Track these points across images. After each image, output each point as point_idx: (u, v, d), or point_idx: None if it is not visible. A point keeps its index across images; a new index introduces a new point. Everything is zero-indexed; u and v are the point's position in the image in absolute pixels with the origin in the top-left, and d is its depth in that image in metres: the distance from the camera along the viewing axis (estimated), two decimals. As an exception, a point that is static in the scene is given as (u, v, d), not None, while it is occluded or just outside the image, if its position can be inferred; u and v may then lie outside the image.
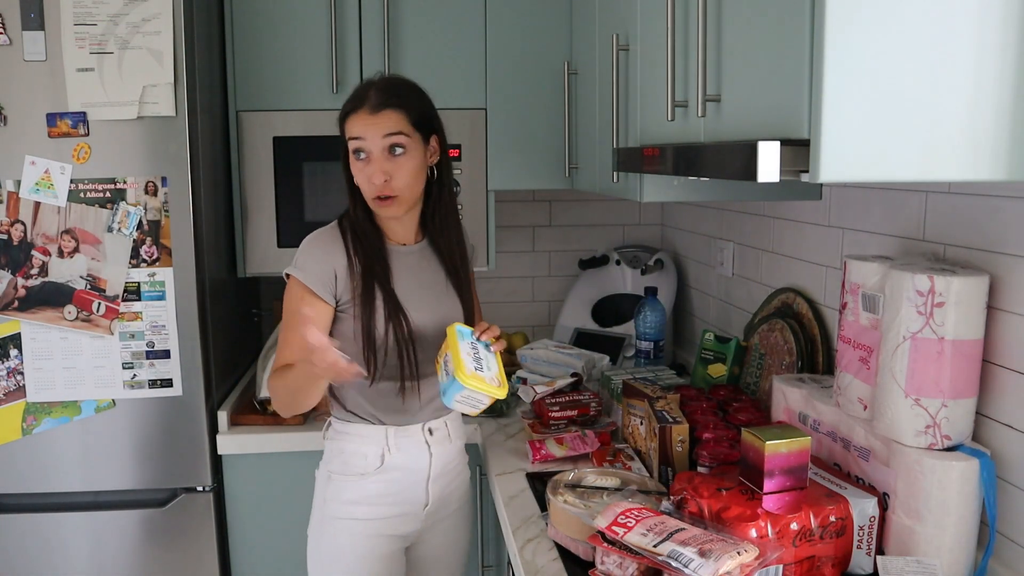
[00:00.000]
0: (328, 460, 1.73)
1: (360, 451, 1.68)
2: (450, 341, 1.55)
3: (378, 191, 1.60)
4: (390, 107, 1.60)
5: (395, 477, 1.69)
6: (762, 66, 1.04)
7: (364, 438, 1.68)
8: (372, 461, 1.67)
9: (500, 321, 2.83)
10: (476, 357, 1.54)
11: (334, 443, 1.72)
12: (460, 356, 1.51)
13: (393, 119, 1.60)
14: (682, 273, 2.68)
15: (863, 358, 1.38)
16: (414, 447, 1.70)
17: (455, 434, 1.78)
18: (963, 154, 0.93)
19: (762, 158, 0.91)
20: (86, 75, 1.91)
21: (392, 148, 1.59)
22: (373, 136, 1.59)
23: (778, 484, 1.29)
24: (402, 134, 1.60)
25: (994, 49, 0.92)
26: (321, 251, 1.63)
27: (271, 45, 2.25)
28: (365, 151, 1.60)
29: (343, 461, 1.69)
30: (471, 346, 1.56)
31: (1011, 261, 1.26)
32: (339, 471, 1.69)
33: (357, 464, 1.68)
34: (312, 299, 1.61)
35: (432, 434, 1.71)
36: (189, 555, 2.08)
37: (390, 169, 1.59)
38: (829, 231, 1.76)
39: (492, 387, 1.50)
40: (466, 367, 1.48)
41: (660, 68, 1.44)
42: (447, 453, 1.75)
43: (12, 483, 2.01)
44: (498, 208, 2.70)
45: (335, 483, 1.69)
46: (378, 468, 1.67)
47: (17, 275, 1.95)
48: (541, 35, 2.34)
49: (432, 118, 1.66)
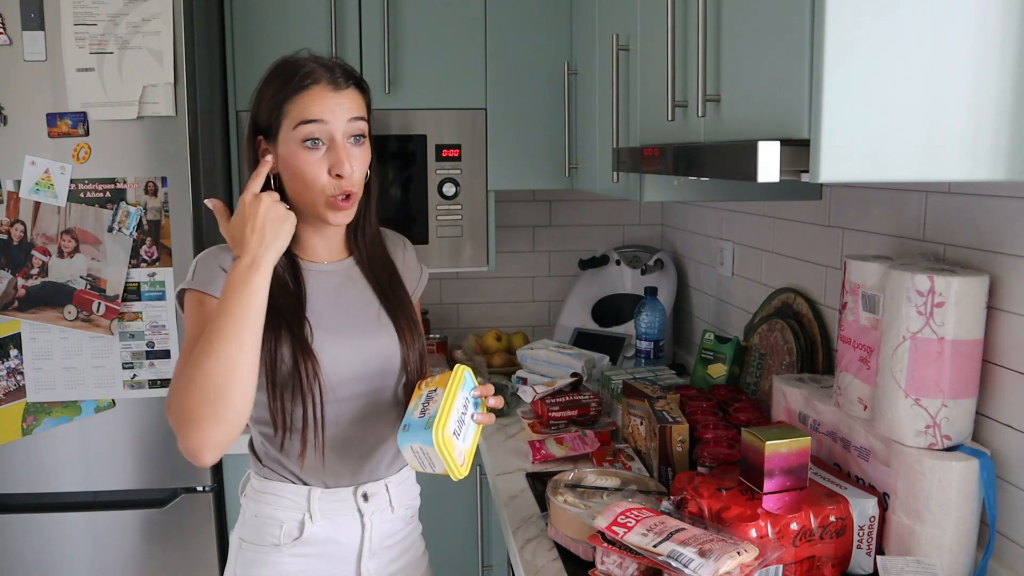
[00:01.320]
0: (240, 524, 1.42)
1: (275, 516, 1.36)
2: (452, 383, 1.31)
3: (346, 187, 1.30)
4: (354, 86, 1.33)
5: (317, 552, 1.37)
6: (762, 66, 1.04)
7: (281, 500, 1.36)
8: (289, 530, 1.36)
9: (500, 321, 2.83)
10: (461, 418, 1.29)
11: (249, 504, 1.41)
12: (451, 407, 1.26)
13: (358, 101, 1.33)
14: (682, 273, 2.68)
15: (863, 358, 1.38)
16: (343, 515, 1.38)
17: (399, 501, 1.44)
18: (963, 154, 0.93)
19: (762, 158, 0.91)
20: (86, 75, 1.91)
21: (355, 137, 1.32)
22: (338, 118, 1.29)
23: (778, 484, 1.29)
24: (364, 120, 1.33)
25: (994, 49, 0.92)
26: (215, 259, 1.32)
27: (271, 45, 2.25)
28: (323, 138, 1.29)
29: (256, 527, 1.38)
30: (465, 403, 1.31)
31: (1011, 261, 1.26)
32: (251, 540, 1.38)
33: (271, 532, 1.36)
34: (213, 303, 1.26)
35: (367, 500, 1.39)
36: (189, 555, 2.08)
37: (354, 162, 1.31)
38: (829, 231, 1.76)
39: (455, 463, 1.24)
40: (449, 424, 1.24)
41: (660, 68, 1.44)
42: (388, 524, 1.43)
43: (12, 483, 2.01)
44: (498, 208, 2.70)
45: (245, 554, 1.38)
46: (296, 539, 1.35)
47: (17, 275, 1.95)
48: (541, 35, 2.34)
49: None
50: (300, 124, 1.28)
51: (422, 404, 1.28)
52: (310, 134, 1.28)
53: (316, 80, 1.29)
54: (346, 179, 1.29)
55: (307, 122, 1.28)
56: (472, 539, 2.20)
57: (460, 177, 2.35)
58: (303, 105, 1.28)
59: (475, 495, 2.17)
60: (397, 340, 1.39)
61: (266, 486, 1.38)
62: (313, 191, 1.30)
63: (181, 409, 1.17)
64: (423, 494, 1.58)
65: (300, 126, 1.28)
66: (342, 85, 1.30)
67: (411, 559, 1.50)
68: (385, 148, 2.33)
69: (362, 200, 1.39)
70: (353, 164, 1.30)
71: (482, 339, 2.63)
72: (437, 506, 2.14)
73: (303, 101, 1.28)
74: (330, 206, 1.31)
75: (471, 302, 2.83)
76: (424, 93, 2.32)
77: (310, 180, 1.29)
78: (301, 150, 1.29)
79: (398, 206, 2.36)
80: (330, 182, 1.29)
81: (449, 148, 2.34)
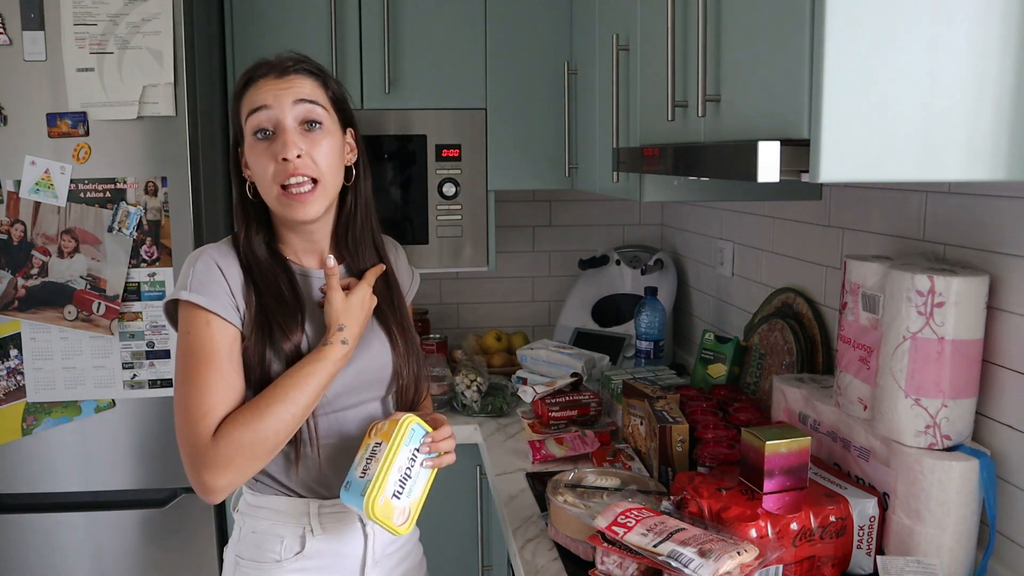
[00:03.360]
0: (236, 541, 1.37)
1: (274, 532, 1.33)
2: (395, 438, 1.24)
3: (292, 171, 1.23)
4: (301, 72, 1.28)
5: (320, 566, 1.34)
6: (762, 66, 1.04)
7: (280, 515, 1.33)
8: (290, 545, 1.33)
9: (500, 321, 2.83)
10: (406, 474, 1.24)
11: (245, 520, 1.37)
12: (390, 468, 1.22)
13: (308, 85, 1.27)
14: (682, 273, 2.68)
15: (863, 358, 1.38)
16: (344, 526, 1.35)
17: None
18: (963, 154, 0.93)
19: (762, 158, 0.91)
20: (86, 75, 1.91)
21: (309, 123, 1.26)
22: (281, 102, 1.24)
23: (778, 484, 1.29)
24: (318, 105, 1.27)
25: (994, 49, 0.92)
26: (216, 265, 1.28)
27: (271, 45, 2.24)
28: (270, 126, 1.24)
29: (254, 544, 1.34)
30: (411, 456, 1.26)
31: (1011, 261, 1.26)
32: (249, 557, 1.34)
33: (271, 548, 1.33)
34: (219, 322, 1.24)
35: None
36: (189, 555, 2.08)
37: (306, 147, 1.25)
38: (829, 231, 1.76)
39: (394, 526, 1.23)
40: (386, 489, 1.21)
41: (660, 68, 1.44)
42: (389, 533, 1.38)
43: (12, 483, 2.01)
44: (498, 208, 2.70)
45: (244, 572, 1.35)
46: (298, 554, 1.33)
47: (17, 275, 1.95)
48: (541, 35, 2.34)
49: (349, 108, 1.36)
50: (249, 115, 1.26)
51: (365, 460, 1.25)
52: (258, 124, 1.25)
53: (264, 73, 1.28)
54: (299, 161, 1.24)
55: (253, 111, 1.25)
56: (472, 539, 2.20)
57: (460, 177, 2.35)
58: (250, 97, 1.27)
59: (475, 495, 2.17)
60: (390, 349, 1.38)
61: (262, 501, 1.35)
62: (265, 184, 1.27)
63: (222, 452, 1.19)
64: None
65: (249, 117, 1.26)
66: (289, 71, 1.27)
67: (411, 565, 1.49)
68: (385, 148, 2.33)
69: (348, 201, 1.37)
70: (303, 148, 1.24)
71: (482, 339, 2.64)
72: (437, 506, 2.14)
73: (251, 93, 1.27)
74: (283, 202, 1.26)
75: (471, 302, 2.83)
76: (424, 93, 2.32)
77: (260, 172, 1.26)
78: (254, 143, 1.27)
79: (398, 206, 2.36)
80: (281, 166, 1.24)
81: (449, 148, 2.34)
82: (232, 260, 1.30)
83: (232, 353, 1.26)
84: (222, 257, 1.30)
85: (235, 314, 1.27)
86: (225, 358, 1.25)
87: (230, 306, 1.27)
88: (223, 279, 1.27)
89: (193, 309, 1.25)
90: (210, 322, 1.25)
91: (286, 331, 1.28)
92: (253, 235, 1.33)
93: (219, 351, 1.24)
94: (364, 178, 1.38)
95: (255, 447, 1.20)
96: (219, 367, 1.24)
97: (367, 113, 2.29)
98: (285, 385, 1.23)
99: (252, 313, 1.28)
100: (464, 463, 2.16)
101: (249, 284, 1.29)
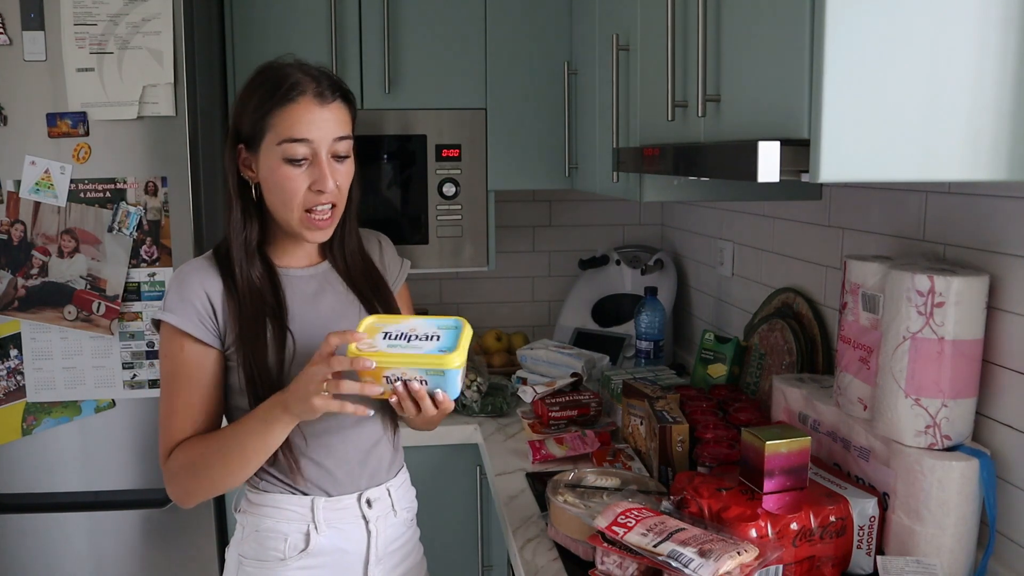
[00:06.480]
0: (239, 541, 1.38)
1: (278, 530, 1.34)
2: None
3: (323, 200, 1.28)
4: (341, 98, 1.30)
5: (324, 563, 1.35)
6: (762, 66, 1.04)
7: (283, 512, 1.34)
8: (294, 542, 1.34)
9: (500, 321, 2.84)
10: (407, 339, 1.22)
11: (247, 518, 1.37)
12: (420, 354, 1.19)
13: (344, 116, 1.30)
14: (682, 273, 2.68)
15: (863, 358, 1.38)
16: (348, 523, 1.36)
17: (401, 504, 1.45)
18: (963, 154, 0.93)
19: (762, 158, 0.91)
20: (86, 75, 1.91)
21: (340, 157, 1.30)
22: (324, 136, 1.27)
23: (778, 484, 1.29)
24: (351, 137, 1.32)
25: (994, 49, 0.92)
26: (190, 282, 1.30)
27: (271, 45, 2.25)
28: (308, 156, 1.27)
29: (257, 543, 1.35)
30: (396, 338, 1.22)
31: (1011, 261, 1.26)
32: (252, 555, 1.35)
33: (275, 547, 1.34)
34: (193, 346, 1.27)
35: (371, 506, 1.38)
36: (189, 555, 2.08)
37: (336, 178, 1.30)
38: (829, 231, 1.76)
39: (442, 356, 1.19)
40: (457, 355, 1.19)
41: (660, 68, 1.44)
42: (392, 529, 1.42)
43: (12, 483, 2.01)
44: (498, 208, 2.69)
45: (247, 571, 1.35)
46: (302, 551, 1.33)
47: (17, 275, 1.95)
48: (541, 35, 2.34)
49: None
50: (285, 142, 1.26)
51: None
52: (295, 154, 1.26)
53: (302, 91, 1.26)
54: (327, 194, 1.29)
55: (292, 140, 1.26)
56: (472, 539, 2.20)
57: (460, 177, 2.35)
58: (289, 121, 1.26)
59: (475, 495, 2.17)
60: None
61: (264, 499, 1.36)
62: (291, 207, 1.29)
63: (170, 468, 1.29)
64: (422, 496, 1.58)
65: (285, 144, 1.26)
66: (328, 98, 1.28)
67: (413, 563, 1.50)
68: (385, 148, 2.33)
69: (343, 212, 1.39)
70: (337, 179, 1.29)
71: (482, 339, 2.64)
72: (437, 506, 2.15)
73: (288, 116, 1.26)
74: (306, 225, 1.30)
75: (471, 302, 2.83)
76: (424, 93, 2.32)
77: (289, 196, 1.28)
78: (283, 165, 1.27)
79: (398, 206, 2.36)
80: (309, 195, 1.28)
81: (449, 148, 2.34)
82: (213, 275, 1.32)
83: (202, 375, 1.30)
84: (202, 273, 1.32)
85: (211, 335, 1.30)
86: (195, 383, 1.29)
87: (207, 326, 1.30)
88: (203, 297, 1.30)
89: (170, 330, 1.30)
90: (183, 346, 1.29)
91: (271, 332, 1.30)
92: (252, 234, 1.34)
93: (189, 376, 1.29)
94: (356, 186, 1.40)
95: (197, 475, 1.27)
96: (187, 393, 1.29)
97: (367, 113, 2.29)
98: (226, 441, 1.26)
99: (236, 327, 1.30)
100: (464, 463, 2.17)
101: (232, 297, 1.31)
